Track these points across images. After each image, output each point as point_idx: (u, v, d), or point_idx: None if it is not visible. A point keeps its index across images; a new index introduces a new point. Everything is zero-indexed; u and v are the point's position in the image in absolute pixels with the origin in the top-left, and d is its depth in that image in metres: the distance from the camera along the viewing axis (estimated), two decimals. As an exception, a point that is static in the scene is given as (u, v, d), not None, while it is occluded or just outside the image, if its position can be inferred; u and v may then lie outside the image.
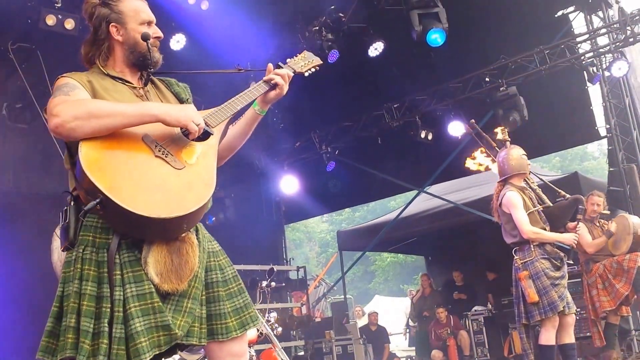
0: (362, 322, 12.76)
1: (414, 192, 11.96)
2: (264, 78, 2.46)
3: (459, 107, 9.34)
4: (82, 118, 2.05)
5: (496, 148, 5.70)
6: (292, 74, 2.56)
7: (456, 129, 9.27)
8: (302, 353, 9.87)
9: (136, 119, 2.12)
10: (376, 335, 11.29)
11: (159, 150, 2.15)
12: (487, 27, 8.46)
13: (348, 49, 8.39)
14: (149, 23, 2.38)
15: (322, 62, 2.66)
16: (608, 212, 6.70)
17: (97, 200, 1.97)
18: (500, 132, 5.65)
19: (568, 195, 5.31)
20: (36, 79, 7.53)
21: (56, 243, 8.18)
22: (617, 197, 7.98)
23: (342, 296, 13.32)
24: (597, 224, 6.62)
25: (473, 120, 6.11)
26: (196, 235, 2.26)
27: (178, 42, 7.63)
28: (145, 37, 2.32)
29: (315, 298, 14.34)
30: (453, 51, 8.27)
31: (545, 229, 5.04)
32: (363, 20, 8.17)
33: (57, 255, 8.25)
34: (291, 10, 7.85)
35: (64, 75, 2.23)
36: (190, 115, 2.19)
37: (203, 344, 2.20)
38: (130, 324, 2.03)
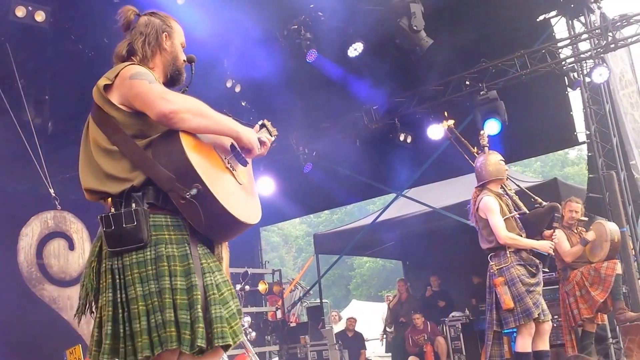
0: (338, 327, 12.61)
1: (393, 196, 11.86)
2: (259, 136, 2.54)
3: (439, 111, 9.24)
4: (193, 113, 2.20)
5: (475, 153, 5.63)
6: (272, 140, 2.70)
7: (435, 132, 9.18)
8: (276, 358, 9.70)
9: (225, 130, 2.35)
10: (352, 341, 11.14)
11: (227, 163, 2.37)
12: (468, 30, 8.36)
13: (327, 49, 8.25)
14: (183, 46, 2.58)
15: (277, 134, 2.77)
16: (586, 218, 6.66)
17: (196, 190, 2.08)
18: (480, 137, 5.62)
19: (544, 203, 5.30)
20: (4, 73, 7.28)
21: (22, 243, 7.96)
22: (596, 204, 7.92)
23: (318, 300, 13.15)
24: (575, 231, 6.57)
25: (452, 123, 6.00)
26: None
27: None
28: (191, 60, 2.56)
29: (291, 302, 14.15)
30: (433, 54, 8.17)
31: (521, 236, 5.03)
32: (343, 20, 8.04)
33: (24, 256, 7.99)
34: (270, 9, 7.68)
35: (135, 63, 2.35)
36: (256, 140, 2.46)
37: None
38: (228, 305, 2.21)
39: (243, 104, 9.21)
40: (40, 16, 6.91)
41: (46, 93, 8.31)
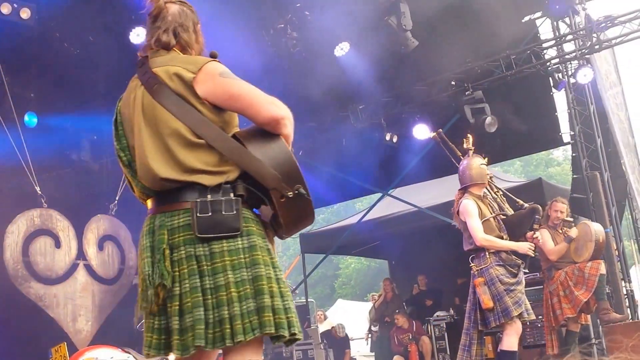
0: (323, 326, 12.60)
1: (379, 195, 11.88)
2: None
3: (425, 111, 9.29)
4: (290, 120, 2.29)
5: (460, 157, 5.72)
6: None
7: (421, 132, 9.22)
8: (261, 357, 9.70)
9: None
10: (338, 342, 11.18)
11: None
12: (454, 30, 8.40)
13: (314, 48, 8.25)
14: None
15: None
16: (571, 219, 6.71)
17: (298, 189, 2.19)
18: (464, 141, 5.68)
19: (526, 205, 5.37)
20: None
21: (8, 240, 7.91)
22: (580, 205, 7.99)
23: (304, 300, 13.16)
24: (560, 231, 6.61)
25: (440, 130, 6.09)
26: None
27: (138, 35, 7.41)
28: (213, 55, 2.39)
29: (277, 301, 14.13)
30: (419, 54, 8.20)
31: (501, 237, 5.13)
32: (329, 20, 8.04)
33: (10, 253, 7.94)
34: (256, 7, 7.67)
35: (215, 60, 2.32)
36: None
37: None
38: (286, 298, 2.22)
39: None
40: (25, 13, 6.88)
41: (32, 90, 8.28)
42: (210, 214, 2.15)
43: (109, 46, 7.82)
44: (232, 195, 2.19)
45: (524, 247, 5.09)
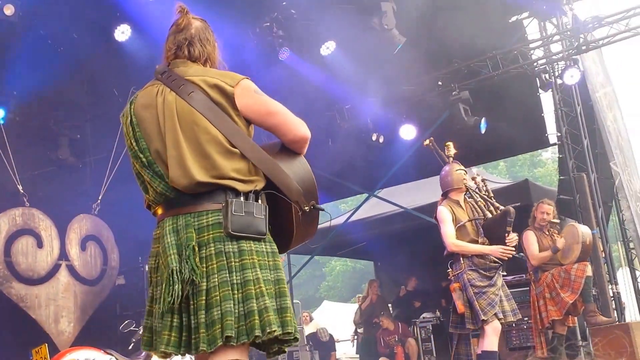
0: (309, 328, 12.53)
1: (365, 196, 11.84)
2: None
3: (411, 111, 9.25)
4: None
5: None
6: None
7: (408, 132, 9.18)
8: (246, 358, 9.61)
9: None
10: (324, 344, 11.14)
11: None
12: (441, 30, 8.38)
13: (300, 47, 8.19)
14: None
15: None
16: (557, 220, 6.69)
17: (314, 204, 2.39)
18: (446, 148, 5.76)
19: (501, 208, 5.41)
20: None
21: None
22: (566, 206, 7.98)
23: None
24: (547, 233, 6.59)
25: (432, 139, 6.10)
26: None
27: (123, 33, 7.32)
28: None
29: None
30: (406, 54, 8.16)
31: (476, 241, 5.21)
32: (315, 19, 7.98)
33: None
34: (242, 4, 7.59)
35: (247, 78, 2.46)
36: None
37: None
38: (285, 297, 2.32)
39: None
40: (9, 10, 6.76)
41: (14, 88, 8.14)
42: (243, 214, 2.27)
43: (93, 44, 7.72)
44: (260, 202, 2.34)
45: (496, 250, 5.13)
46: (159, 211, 2.41)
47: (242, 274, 2.23)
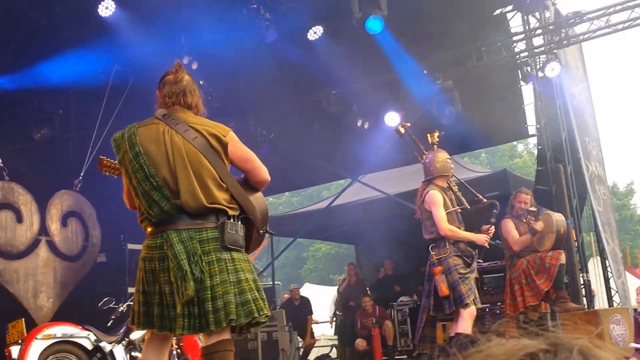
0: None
1: (349, 180, 11.93)
2: None
3: (396, 98, 9.32)
4: None
5: (423, 151, 5.86)
6: None
7: (392, 119, 9.26)
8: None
9: None
10: (299, 309, 11.15)
11: None
12: (427, 19, 8.45)
13: (287, 31, 8.22)
14: None
15: None
16: (535, 209, 6.82)
17: (265, 229, 3.32)
18: (429, 136, 5.84)
19: (485, 200, 5.61)
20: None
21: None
22: (542, 196, 8.12)
23: (271, 282, 13.21)
24: (524, 220, 6.73)
25: (408, 124, 6.18)
26: None
27: (107, 8, 7.28)
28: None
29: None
30: (391, 42, 8.22)
31: (460, 229, 5.35)
32: (303, 2, 8.01)
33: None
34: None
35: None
36: None
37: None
38: (261, 291, 3.14)
39: (201, 82, 9.10)
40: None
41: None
42: (233, 232, 3.03)
43: (76, 18, 7.68)
44: (240, 224, 3.10)
45: (481, 238, 5.33)
46: (158, 226, 3.02)
47: (236, 275, 2.98)
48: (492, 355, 0.79)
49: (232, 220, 3.04)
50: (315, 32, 8.32)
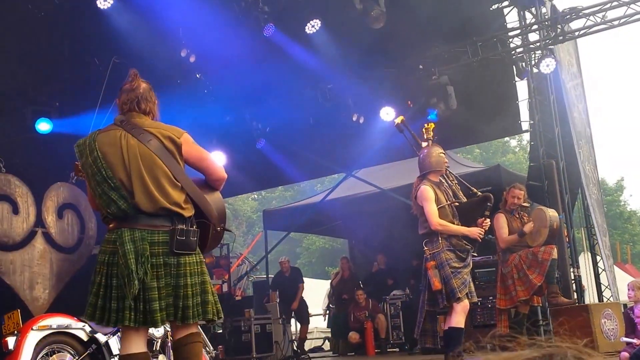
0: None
1: (343, 175, 11.97)
2: None
3: (392, 93, 9.36)
4: None
5: (421, 144, 5.89)
6: None
7: (387, 114, 9.30)
8: (220, 330, 9.76)
9: None
10: (290, 280, 11.04)
11: None
12: (423, 14, 8.48)
13: (285, 24, 8.24)
14: None
15: None
16: (527, 204, 6.88)
17: (223, 227, 3.47)
18: (424, 131, 5.86)
19: (479, 193, 5.62)
20: None
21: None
22: (535, 192, 8.19)
23: (265, 275, 13.26)
24: (517, 216, 6.78)
25: (402, 118, 6.20)
26: None
27: (106, 0, 7.27)
28: None
29: (237, 276, 14.22)
30: (388, 37, 8.25)
31: (453, 223, 5.38)
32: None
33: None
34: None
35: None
36: None
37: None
38: (215, 293, 3.44)
39: (198, 76, 9.13)
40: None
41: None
42: (184, 238, 3.20)
43: (75, 10, 7.68)
44: (194, 227, 3.27)
45: (474, 232, 5.35)
46: (115, 222, 3.22)
47: (176, 280, 3.18)
48: None
49: (184, 225, 3.23)
50: (313, 26, 8.33)
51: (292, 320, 11.05)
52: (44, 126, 8.70)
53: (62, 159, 9.26)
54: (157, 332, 6.00)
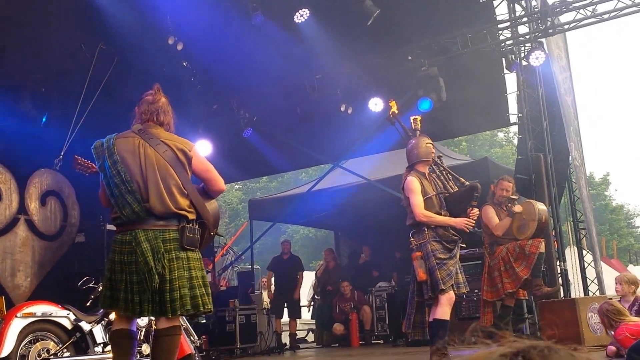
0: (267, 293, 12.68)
1: (330, 165, 11.92)
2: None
3: (380, 84, 9.32)
4: None
5: (410, 136, 5.86)
6: None
7: (376, 105, 9.26)
8: (204, 321, 9.70)
9: None
10: (288, 265, 10.95)
11: None
12: (414, 6, 8.44)
13: (273, 13, 8.15)
14: None
15: None
16: (516, 197, 6.88)
17: (216, 231, 3.94)
18: (413, 122, 5.83)
19: (467, 183, 5.58)
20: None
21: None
22: (522, 185, 8.21)
23: (250, 266, 13.21)
24: (505, 208, 6.79)
25: (395, 111, 6.15)
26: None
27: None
28: None
29: (222, 266, 14.15)
30: (377, 27, 8.20)
31: (440, 214, 5.36)
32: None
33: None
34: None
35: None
36: None
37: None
38: (208, 287, 3.78)
39: (184, 63, 9.00)
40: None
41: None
42: (192, 235, 3.61)
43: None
44: (197, 227, 3.67)
45: (461, 222, 5.32)
46: (128, 224, 3.57)
47: (189, 272, 3.57)
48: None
49: (190, 224, 3.64)
50: (301, 15, 8.26)
51: (285, 311, 10.97)
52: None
53: (47, 145, 9.16)
54: (142, 321, 5.96)
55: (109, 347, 5.93)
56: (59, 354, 5.61)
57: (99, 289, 6.33)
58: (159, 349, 3.62)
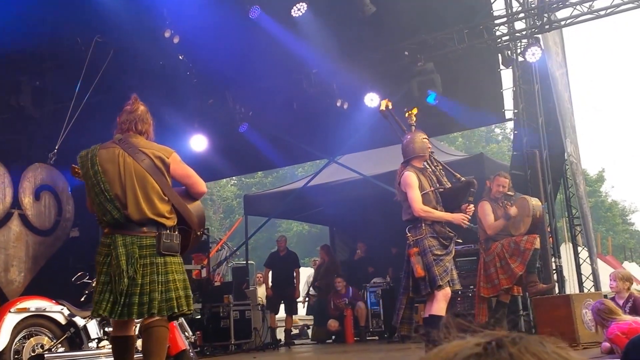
0: (262, 289, 12.67)
1: (325, 161, 11.90)
2: None
3: (376, 79, 9.29)
4: None
5: (405, 131, 5.82)
6: None
7: (372, 100, 9.24)
8: (199, 316, 9.68)
9: None
10: (284, 261, 10.88)
11: None
12: (410, 0, 8.42)
13: (270, 7, 8.12)
14: None
15: None
16: (512, 193, 6.88)
17: (202, 232, 4.27)
18: (407, 116, 5.82)
19: (463, 178, 5.57)
20: None
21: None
22: (517, 181, 8.19)
23: (244, 261, 13.18)
24: (501, 204, 6.78)
25: (389, 106, 6.12)
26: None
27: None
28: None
29: (217, 262, 14.12)
30: (374, 23, 8.17)
31: (436, 209, 5.34)
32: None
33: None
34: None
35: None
36: None
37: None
38: (188, 289, 3.95)
39: (180, 57, 8.96)
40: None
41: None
42: (168, 241, 3.74)
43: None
44: (176, 233, 3.81)
45: (458, 218, 5.32)
46: (110, 228, 3.73)
47: (165, 276, 3.70)
48: (444, 349, 0.85)
49: (168, 230, 3.77)
50: (299, 9, 8.23)
51: (281, 307, 10.95)
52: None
53: (41, 139, 9.12)
54: None
55: (103, 343, 5.91)
56: (53, 349, 5.58)
57: (93, 284, 6.31)
58: (147, 341, 3.77)
